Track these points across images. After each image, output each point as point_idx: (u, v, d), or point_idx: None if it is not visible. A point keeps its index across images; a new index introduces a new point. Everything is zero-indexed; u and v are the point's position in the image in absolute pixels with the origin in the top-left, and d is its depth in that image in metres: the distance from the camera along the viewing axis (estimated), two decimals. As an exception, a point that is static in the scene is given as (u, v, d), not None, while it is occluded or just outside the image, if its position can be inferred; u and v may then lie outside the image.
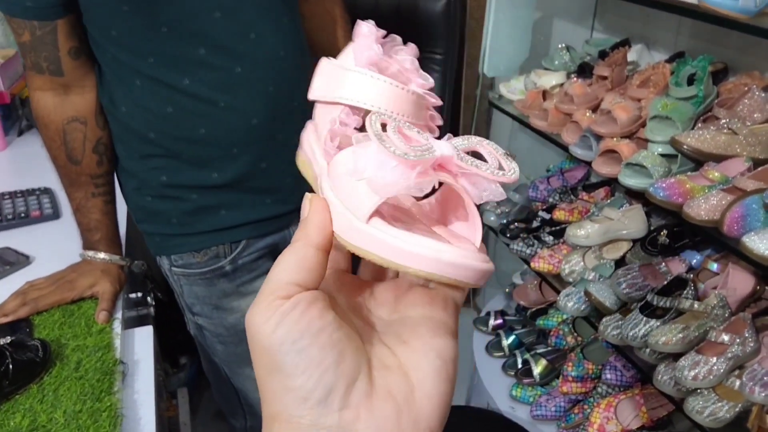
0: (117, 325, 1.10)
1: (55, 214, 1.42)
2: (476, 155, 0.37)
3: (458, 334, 0.37)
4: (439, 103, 0.41)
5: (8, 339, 0.99)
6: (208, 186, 1.11)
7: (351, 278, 0.39)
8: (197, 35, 1.00)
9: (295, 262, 0.33)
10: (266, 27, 1.04)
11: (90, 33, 1.03)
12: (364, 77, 0.37)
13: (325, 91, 0.39)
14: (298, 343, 0.31)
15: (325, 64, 0.40)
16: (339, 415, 0.31)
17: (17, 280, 1.19)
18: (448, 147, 0.35)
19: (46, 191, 1.50)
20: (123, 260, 1.19)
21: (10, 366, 0.93)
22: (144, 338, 1.14)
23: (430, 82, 0.40)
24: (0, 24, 2.11)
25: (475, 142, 0.37)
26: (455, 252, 0.33)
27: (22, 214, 1.40)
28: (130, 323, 1.14)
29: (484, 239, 2.78)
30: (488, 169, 0.34)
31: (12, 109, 1.92)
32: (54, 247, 1.30)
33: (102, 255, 1.17)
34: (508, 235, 1.83)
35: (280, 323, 0.31)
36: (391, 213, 0.36)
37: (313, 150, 0.39)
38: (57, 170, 1.14)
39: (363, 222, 0.34)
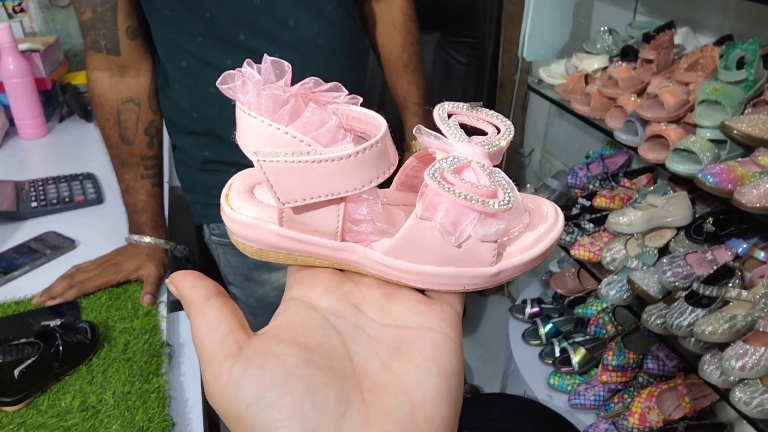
0: (162, 308, 1.11)
1: (99, 199, 1.44)
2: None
3: (462, 347, 0.34)
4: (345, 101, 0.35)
5: (58, 321, 1.01)
6: (246, 165, 1.13)
7: (330, 273, 0.36)
8: (237, 21, 1.04)
9: (207, 324, 0.32)
10: (306, 15, 1.05)
11: (146, 12, 1.07)
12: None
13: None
14: (266, 398, 0.28)
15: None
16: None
17: (63, 263, 1.21)
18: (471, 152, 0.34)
19: (89, 176, 1.51)
20: (167, 244, 1.20)
21: (61, 348, 0.94)
22: (188, 321, 1.15)
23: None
24: (40, 12, 2.14)
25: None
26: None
27: (66, 199, 1.42)
28: (174, 306, 1.15)
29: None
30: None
31: (53, 95, 1.94)
32: (98, 231, 1.31)
33: (147, 239, 1.18)
34: (547, 222, 1.81)
35: (239, 386, 0.29)
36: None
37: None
38: (108, 150, 1.17)
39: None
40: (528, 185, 2.06)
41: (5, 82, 1.72)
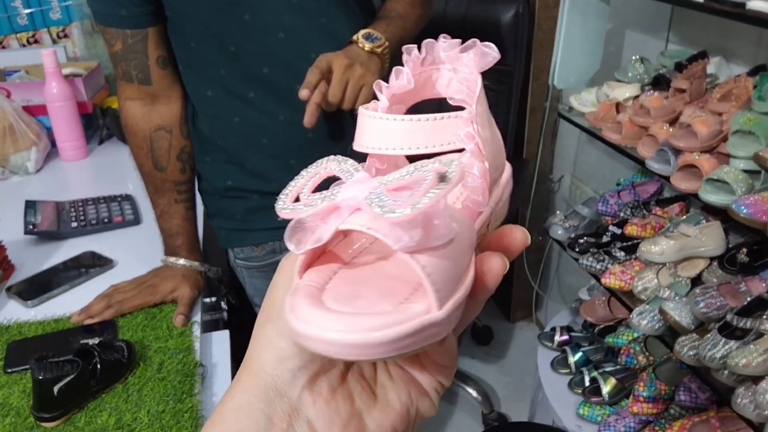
0: (196, 329, 1.13)
1: (136, 220, 1.48)
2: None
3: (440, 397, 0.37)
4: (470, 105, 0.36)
5: (96, 340, 1.03)
6: (267, 192, 1.19)
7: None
8: (261, 54, 1.07)
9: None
10: (327, 47, 1.07)
11: (173, 43, 1.11)
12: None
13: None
14: None
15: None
16: (299, 393, 0.33)
17: (101, 282, 1.24)
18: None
19: (127, 198, 1.55)
20: (202, 266, 1.23)
21: (98, 366, 0.97)
22: (221, 342, 1.17)
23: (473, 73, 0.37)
24: (82, 38, 2.21)
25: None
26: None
27: (105, 219, 1.46)
28: (207, 327, 1.17)
29: (550, 252, 2.65)
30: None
31: (93, 118, 2.00)
32: (135, 252, 1.34)
33: (182, 261, 1.21)
34: (577, 250, 1.80)
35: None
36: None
37: None
38: (142, 177, 1.20)
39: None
40: (558, 212, 2.06)
41: (49, 105, 1.78)
